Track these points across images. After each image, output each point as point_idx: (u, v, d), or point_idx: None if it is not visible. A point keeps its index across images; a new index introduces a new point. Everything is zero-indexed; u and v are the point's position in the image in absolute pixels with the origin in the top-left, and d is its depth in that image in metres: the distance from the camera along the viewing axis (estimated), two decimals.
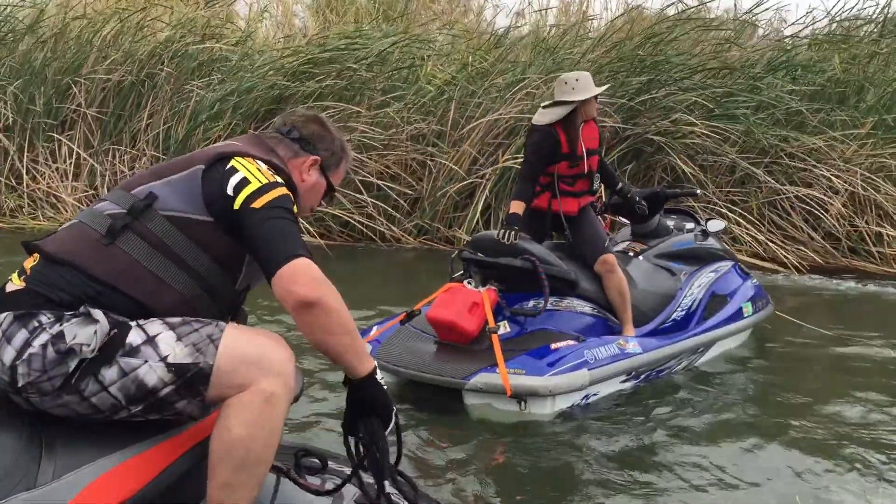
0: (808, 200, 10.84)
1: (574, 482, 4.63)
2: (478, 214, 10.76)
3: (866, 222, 10.81)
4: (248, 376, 2.50)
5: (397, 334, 5.98)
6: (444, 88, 11.57)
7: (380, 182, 11.00)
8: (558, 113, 6.19)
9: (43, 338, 2.45)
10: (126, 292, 2.57)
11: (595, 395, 5.74)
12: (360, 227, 11.00)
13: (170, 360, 2.48)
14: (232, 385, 2.50)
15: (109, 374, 2.46)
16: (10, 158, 11.82)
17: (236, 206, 2.63)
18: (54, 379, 2.43)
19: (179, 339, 2.52)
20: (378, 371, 2.72)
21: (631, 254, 6.84)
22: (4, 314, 2.51)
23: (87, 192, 11.74)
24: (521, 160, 9.77)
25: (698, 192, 8.06)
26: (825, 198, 10.73)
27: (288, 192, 2.73)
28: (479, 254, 5.99)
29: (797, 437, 5.25)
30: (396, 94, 11.60)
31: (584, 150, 6.23)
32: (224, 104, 11.53)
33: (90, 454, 2.46)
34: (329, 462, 3.06)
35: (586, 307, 6.09)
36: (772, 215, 11.05)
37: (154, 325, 2.54)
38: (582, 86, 6.19)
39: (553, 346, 5.63)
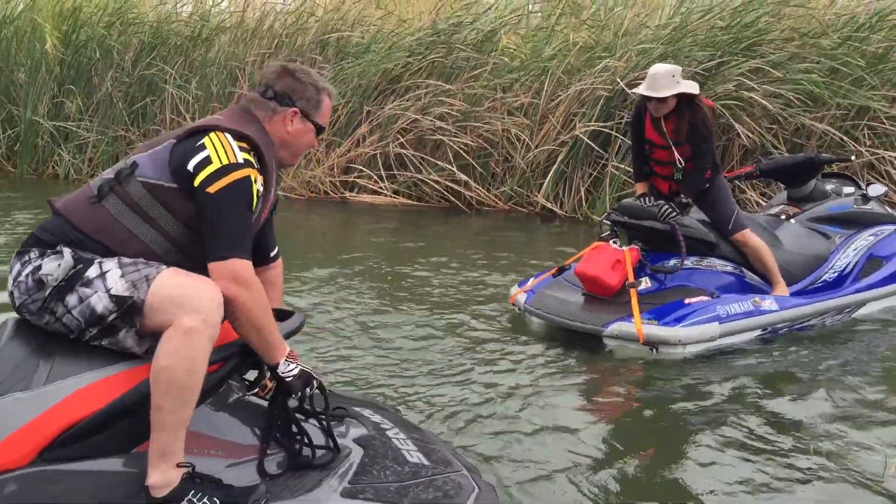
0: None
1: (686, 424, 4.34)
2: (548, 181, 10.19)
3: None
4: (172, 313, 2.61)
5: (549, 286, 5.83)
6: (546, 64, 10.76)
7: (465, 154, 10.46)
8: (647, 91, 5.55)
9: (28, 269, 2.73)
10: (100, 241, 2.76)
11: (727, 344, 5.43)
12: (449, 194, 10.56)
13: (112, 292, 2.65)
14: (162, 320, 2.63)
15: (72, 300, 2.66)
16: None
17: (195, 183, 2.73)
18: (36, 301, 2.69)
19: (123, 275, 2.67)
20: (287, 362, 2.88)
21: (783, 217, 6.34)
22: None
23: None
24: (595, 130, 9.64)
25: (853, 157, 7.39)
26: None
27: (249, 174, 2.77)
28: (624, 217, 5.74)
29: None
30: (497, 70, 10.93)
31: (668, 140, 5.66)
32: (344, 85, 11.14)
33: (78, 368, 2.65)
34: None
35: (727, 266, 5.74)
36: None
37: (109, 263, 2.71)
38: (656, 84, 5.48)
39: (687, 300, 5.42)
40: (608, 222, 5.87)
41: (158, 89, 12.28)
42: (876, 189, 6.53)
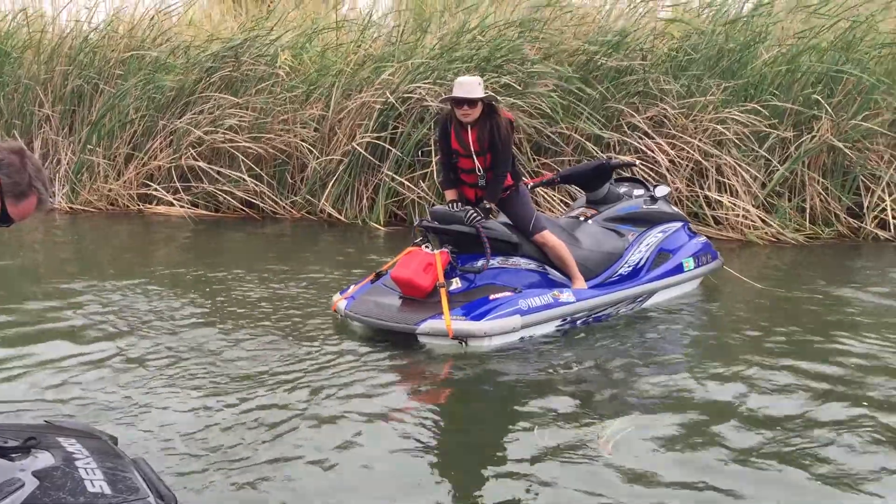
0: (646, 167, 8.91)
1: (496, 401, 4.68)
2: (328, 190, 10.00)
3: (707, 188, 9.13)
4: None
5: (368, 291, 5.73)
6: (335, 78, 10.54)
7: (256, 167, 10.21)
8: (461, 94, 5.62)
9: None
10: None
11: (530, 337, 5.55)
12: (236, 204, 10.19)
13: None
14: None
15: None
16: None
17: None
18: None
19: None
20: None
21: (582, 218, 6.47)
22: None
23: None
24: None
25: (637, 162, 7.55)
26: (652, 166, 9.04)
27: None
28: (434, 222, 5.72)
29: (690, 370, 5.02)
30: (284, 83, 10.66)
31: (468, 148, 5.72)
32: (137, 102, 10.58)
33: None
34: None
35: (531, 264, 5.82)
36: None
37: None
38: (467, 89, 5.60)
39: (492, 296, 5.49)
40: (420, 228, 5.85)
41: None
42: (662, 190, 6.79)
